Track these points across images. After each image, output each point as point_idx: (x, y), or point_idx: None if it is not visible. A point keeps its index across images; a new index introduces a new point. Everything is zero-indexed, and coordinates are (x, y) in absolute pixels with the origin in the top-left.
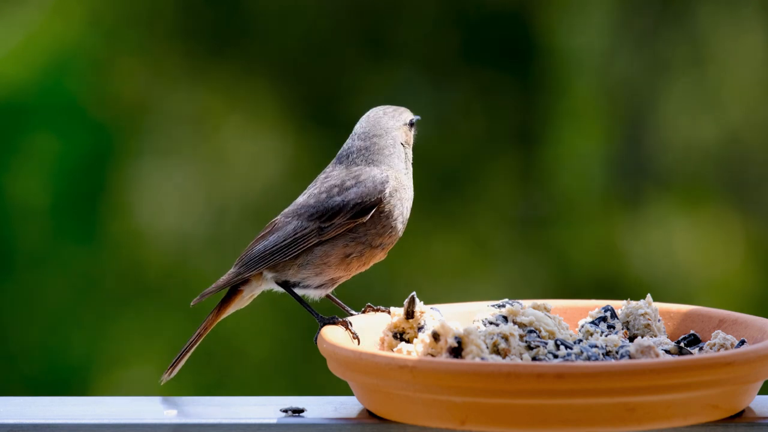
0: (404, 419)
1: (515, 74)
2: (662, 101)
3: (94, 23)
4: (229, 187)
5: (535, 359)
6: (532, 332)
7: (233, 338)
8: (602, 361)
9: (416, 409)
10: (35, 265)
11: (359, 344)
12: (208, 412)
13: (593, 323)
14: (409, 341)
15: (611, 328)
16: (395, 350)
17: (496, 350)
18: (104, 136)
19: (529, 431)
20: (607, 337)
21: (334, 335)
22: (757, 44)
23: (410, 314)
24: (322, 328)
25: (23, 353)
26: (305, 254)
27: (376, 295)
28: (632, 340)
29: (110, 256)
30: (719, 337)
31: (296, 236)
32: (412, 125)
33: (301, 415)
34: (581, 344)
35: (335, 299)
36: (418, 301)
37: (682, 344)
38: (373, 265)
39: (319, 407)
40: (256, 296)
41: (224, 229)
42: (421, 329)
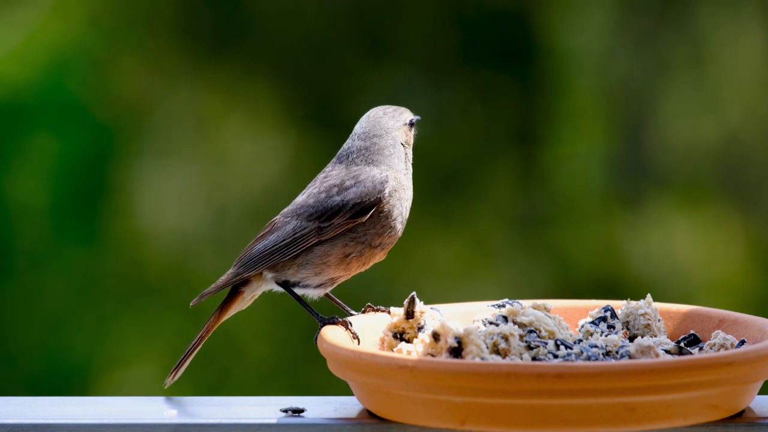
0: (404, 419)
1: (515, 74)
2: (662, 101)
3: (94, 23)
4: (229, 187)
5: (535, 359)
6: (532, 332)
7: (233, 338)
8: (602, 361)
9: (416, 409)
10: (35, 265)
11: (359, 344)
12: (208, 412)
13: (593, 323)
14: (409, 341)
15: (611, 328)
16: (395, 350)
17: (496, 350)
18: (104, 136)
19: (529, 431)
20: (607, 337)
21: (334, 335)
22: (757, 44)
23: (410, 314)
24: (322, 328)
25: (23, 353)
26: (305, 254)
27: (376, 295)
28: (632, 340)
29: (110, 256)
30: (719, 337)
31: (296, 236)
32: (412, 125)
33: (301, 415)
34: (581, 344)
35: (335, 299)
36: (418, 301)
37: (682, 344)
38: (372, 265)
39: (319, 407)
40: (257, 297)
41: (224, 229)
42: (421, 329)
